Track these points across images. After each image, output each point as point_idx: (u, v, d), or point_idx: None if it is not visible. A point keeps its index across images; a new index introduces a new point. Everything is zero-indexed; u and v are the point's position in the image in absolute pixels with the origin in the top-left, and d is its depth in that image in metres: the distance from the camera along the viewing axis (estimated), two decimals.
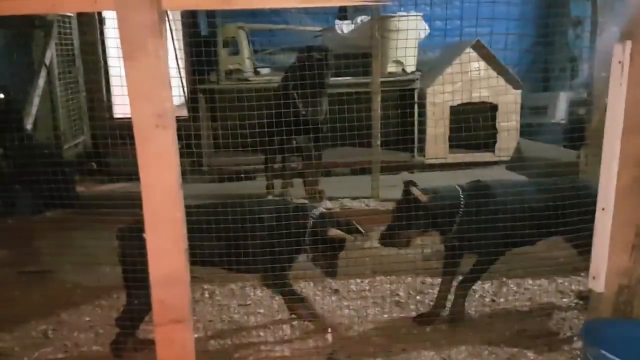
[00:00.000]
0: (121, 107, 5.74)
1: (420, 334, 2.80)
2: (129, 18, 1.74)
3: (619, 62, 1.88)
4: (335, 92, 4.96)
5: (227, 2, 1.78)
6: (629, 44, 1.84)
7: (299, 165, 4.59)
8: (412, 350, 2.65)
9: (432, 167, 5.71)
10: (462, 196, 2.78)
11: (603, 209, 2.03)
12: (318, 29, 6.28)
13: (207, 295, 3.28)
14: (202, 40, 5.82)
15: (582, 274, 3.30)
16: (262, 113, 4.24)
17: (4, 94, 4.28)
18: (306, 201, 3.66)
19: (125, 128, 2.15)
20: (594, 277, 2.09)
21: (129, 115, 1.80)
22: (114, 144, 4.68)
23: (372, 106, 4.41)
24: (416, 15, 5.65)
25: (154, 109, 1.81)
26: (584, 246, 2.72)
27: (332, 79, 4.67)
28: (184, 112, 5.91)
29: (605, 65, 4.23)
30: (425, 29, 5.80)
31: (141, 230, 2.70)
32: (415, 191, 2.72)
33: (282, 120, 3.71)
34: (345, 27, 5.92)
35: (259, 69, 6.14)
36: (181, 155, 1.87)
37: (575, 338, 2.68)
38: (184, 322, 1.98)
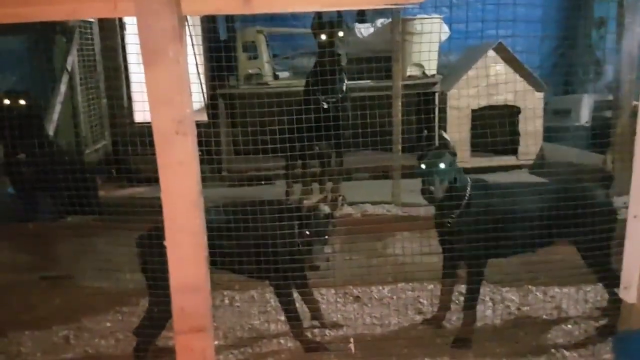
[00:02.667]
0: (142, 113, 5.79)
1: (443, 343, 2.74)
2: (149, 23, 1.72)
3: None
4: (355, 96, 4.91)
5: (248, 7, 1.75)
6: None
7: (318, 170, 4.55)
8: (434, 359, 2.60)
9: None
10: (469, 187, 2.69)
11: (635, 217, 1.96)
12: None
13: (227, 301, 3.26)
14: (221, 45, 5.82)
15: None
16: (282, 118, 4.21)
17: (26, 100, 4.32)
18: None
19: (145, 134, 2.14)
20: (625, 287, 2.03)
21: (149, 121, 1.78)
22: (135, 149, 4.71)
23: (392, 110, 4.35)
24: (437, 18, 5.59)
25: (174, 115, 1.79)
26: (590, 254, 2.68)
27: (351, 82, 4.62)
28: (204, 117, 5.92)
29: (631, 66, 4.15)
30: (445, 32, 5.73)
31: (161, 237, 2.69)
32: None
33: (304, 125, 3.68)
34: (364, 30, 5.88)
35: (278, 73, 6.13)
36: (201, 160, 1.85)
37: (603, 348, 2.59)
38: (204, 331, 1.96)
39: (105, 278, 3.39)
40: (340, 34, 3.89)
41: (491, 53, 5.63)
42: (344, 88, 4.11)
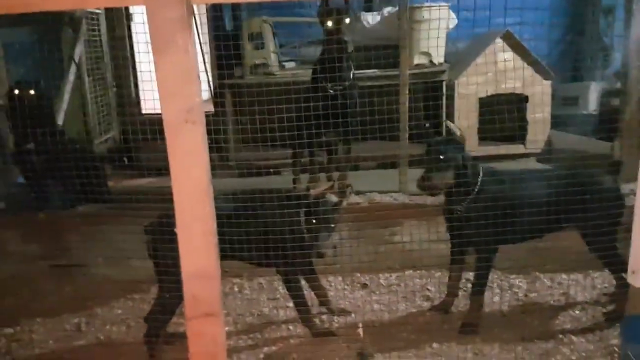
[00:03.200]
0: (150, 103, 5.80)
1: (450, 329, 2.76)
2: (158, 12, 1.73)
3: None
4: (362, 85, 4.90)
5: None
6: None
7: (325, 159, 4.55)
8: (443, 346, 2.62)
9: None
10: (480, 176, 2.70)
11: None
12: None
13: (236, 289, 3.29)
14: (228, 35, 5.83)
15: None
16: (289, 107, 4.22)
17: (35, 90, 4.35)
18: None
19: (154, 123, 2.16)
20: (633, 272, 2.03)
21: (157, 111, 1.80)
22: (144, 139, 4.74)
23: (400, 99, 4.35)
24: (444, 5, 5.56)
25: (183, 104, 1.81)
26: (595, 240, 2.69)
27: (357, 71, 4.61)
28: (211, 107, 5.94)
29: (639, 53, 4.11)
30: (453, 19, 5.70)
31: (170, 225, 2.72)
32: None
33: (311, 114, 3.68)
34: (371, 18, 5.86)
35: (284, 63, 6.12)
36: (209, 150, 1.87)
37: (611, 334, 2.61)
38: (215, 316, 1.98)
39: (115, 266, 3.43)
40: (347, 20, 3.89)
41: (499, 41, 5.61)
42: (351, 75, 4.11)
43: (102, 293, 3.29)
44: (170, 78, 1.78)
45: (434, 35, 5.15)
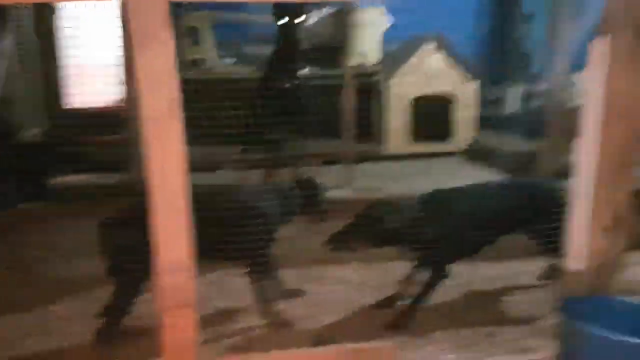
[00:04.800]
0: (75, 97, 5.60)
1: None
2: (141, 8, 1.76)
3: (600, 54, 2.02)
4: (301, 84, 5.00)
5: None
6: (607, 37, 1.99)
7: (270, 156, 4.60)
8: (393, 334, 2.74)
9: (395, 158, 5.85)
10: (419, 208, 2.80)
11: (582, 194, 2.19)
12: None
13: None
14: None
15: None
16: (232, 104, 4.22)
17: None
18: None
19: (81, 117, 2.14)
20: (572, 257, 2.27)
21: (85, 106, 1.81)
22: (72, 133, 4.59)
23: (343, 98, 4.48)
24: (379, 9, 5.77)
25: (164, 98, 1.84)
26: (546, 243, 2.92)
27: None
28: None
29: (563, 56, 4.47)
30: (387, 23, 5.93)
31: (126, 221, 2.71)
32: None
33: (260, 111, 3.73)
34: (310, 19, 5.97)
35: (224, 60, 6.11)
36: None
37: (549, 316, 2.86)
38: (189, 307, 2.02)
39: (63, 264, 3.32)
40: (302, 18, 3.99)
41: (429, 44, 5.90)
42: (304, 71, 4.22)
43: (52, 292, 3.18)
44: (153, 72, 1.81)
45: (368, 37, 5.38)
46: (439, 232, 2.74)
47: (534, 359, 2.33)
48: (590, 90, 2.08)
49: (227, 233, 2.64)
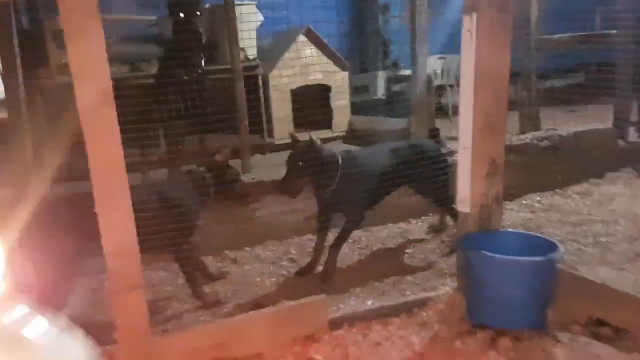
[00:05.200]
0: None
1: (314, 286, 3.10)
2: (69, 1, 1.83)
3: (468, 31, 2.44)
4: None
5: None
6: (474, 15, 2.41)
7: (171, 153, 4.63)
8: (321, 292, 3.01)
9: (283, 148, 6.11)
10: (340, 162, 3.19)
11: (464, 148, 2.61)
12: (153, 18, 6.25)
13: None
14: (27, 33, 5.46)
15: (430, 214, 4.02)
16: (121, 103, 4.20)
17: None
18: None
19: None
20: (461, 202, 2.69)
21: None
22: None
23: (236, 92, 4.62)
24: (251, 4, 5.98)
25: (98, 88, 1.93)
26: (427, 191, 3.49)
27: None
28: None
29: (422, 42, 5.02)
30: (260, 18, 6.16)
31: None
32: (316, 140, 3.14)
33: (153, 109, 3.79)
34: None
35: None
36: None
37: (443, 261, 3.32)
38: (138, 288, 2.12)
39: None
40: (198, 12, 4.09)
41: (302, 37, 6.23)
42: (202, 63, 4.30)
43: None
44: (85, 63, 1.89)
45: (245, 32, 5.56)
46: (353, 183, 3.13)
47: (439, 293, 2.72)
48: (464, 61, 2.50)
49: (149, 226, 2.72)
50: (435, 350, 2.40)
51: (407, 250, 3.60)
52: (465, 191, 2.65)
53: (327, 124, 6.57)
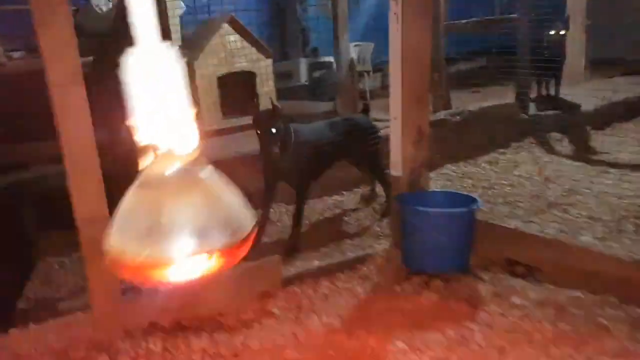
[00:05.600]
0: None
1: (266, 251, 3.37)
2: None
3: (395, 14, 2.76)
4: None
5: None
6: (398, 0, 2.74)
7: None
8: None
9: (212, 135, 6.24)
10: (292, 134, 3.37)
11: (395, 118, 2.95)
12: (74, 8, 6.15)
13: (56, 266, 3.36)
14: None
15: (361, 186, 4.37)
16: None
17: None
18: None
19: None
20: (394, 166, 3.04)
21: None
22: None
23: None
24: None
25: (67, 68, 2.07)
26: (362, 163, 3.84)
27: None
28: None
29: (343, 29, 5.36)
30: (182, 7, 6.24)
31: None
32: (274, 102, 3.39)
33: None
34: (103, 5, 5.97)
35: (11, 53, 5.77)
36: None
37: (379, 225, 3.69)
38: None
39: None
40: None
41: (225, 25, 6.37)
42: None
43: None
44: (55, 45, 2.04)
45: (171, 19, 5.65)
46: (301, 154, 3.37)
47: (377, 250, 3.07)
48: (392, 40, 2.83)
49: None
50: (378, 296, 2.74)
51: (344, 219, 3.92)
52: (397, 156, 3.00)
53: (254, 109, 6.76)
